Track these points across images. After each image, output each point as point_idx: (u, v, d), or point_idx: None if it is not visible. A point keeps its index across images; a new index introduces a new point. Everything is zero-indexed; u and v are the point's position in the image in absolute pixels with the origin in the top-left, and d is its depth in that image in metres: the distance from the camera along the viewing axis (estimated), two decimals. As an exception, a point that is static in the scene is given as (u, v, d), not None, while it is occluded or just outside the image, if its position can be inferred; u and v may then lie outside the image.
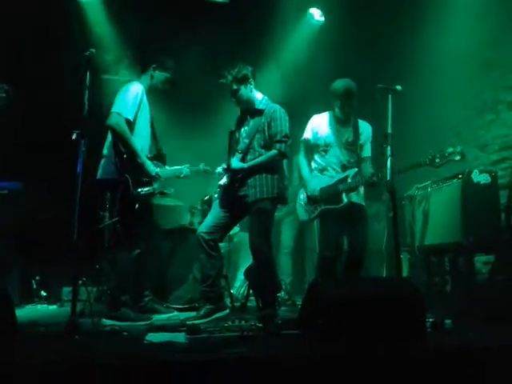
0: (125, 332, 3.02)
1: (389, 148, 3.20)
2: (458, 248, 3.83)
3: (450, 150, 3.20)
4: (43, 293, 4.88)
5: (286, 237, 5.51)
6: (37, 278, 4.91)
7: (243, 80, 3.60)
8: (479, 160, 4.70)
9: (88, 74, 3.06)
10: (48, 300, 4.83)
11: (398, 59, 4.87)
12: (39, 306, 4.64)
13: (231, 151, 3.68)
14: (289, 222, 5.47)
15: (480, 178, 3.72)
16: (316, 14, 5.93)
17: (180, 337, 2.92)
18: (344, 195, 3.72)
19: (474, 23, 4.58)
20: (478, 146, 4.74)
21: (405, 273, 4.58)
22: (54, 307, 4.61)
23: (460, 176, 3.78)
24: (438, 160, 3.25)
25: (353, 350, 2.44)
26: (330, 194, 3.78)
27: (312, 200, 3.86)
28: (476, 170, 3.75)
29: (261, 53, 4.35)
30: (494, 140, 4.65)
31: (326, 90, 3.95)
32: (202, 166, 4.14)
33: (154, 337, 2.85)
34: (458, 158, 3.18)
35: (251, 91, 3.66)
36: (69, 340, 2.72)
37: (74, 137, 2.95)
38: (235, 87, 3.60)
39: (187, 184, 4.78)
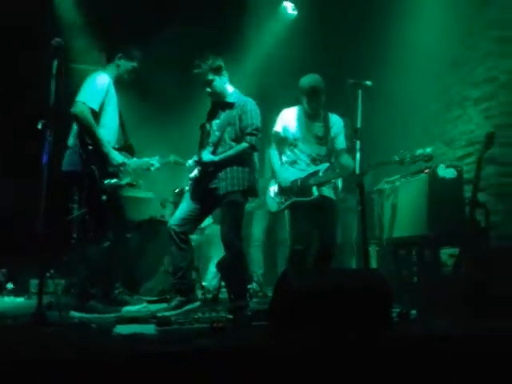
0: (93, 324, 3.00)
1: (358, 142, 3.25)
2: (424, 241, 3.92)
3: (420, 151, 3.28)
4: (10, 285, 4.78)
5: (258, 229, 5.53)
6: (3, 270, 4.80)
7: (218, 70, 3.59)
8: (445, 155, 4.81)
9: (55, 62, 3.00)
10: (15, 292, 4.73)
11: (368, 54, 4.93)
12: (6, 299, 4.53)
13: (202, 144, 3.66)
14: (260, 215, 5.49)
15: (446, 172, 3.80)
16: (289, 8, 5.96)
17: (150, 328, 2.92)
18: (315, 188, 3.77)
19: (443, 19, 4.65)
20: (445, 142, 4.84)
21: (373, 265, 4.67)
22: (21, 299, 4.51)
23: (427, 170, 3.86)
24: (408, 160, 3.32)
25: (322, 339, 2.49)
26: (301, 187, 3.81)
27: (283, 191, 3.89)
28: (442, 165, 3.83)
29: (234, 44, 4.31)
30: (461, 136, 4.76)
31: (297, 84, 3.95)
32: (172, 158, 4.12)
33: (122, 329, 2.83)
34: (426, 159, 3.28)
35: (225, 83, 3.65)
36: (35, 331, 2.68)
37: (39, 126, 2.90)
38: (211, 77, 3.57)
39: (158, 176, 4.75)
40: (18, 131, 4.03)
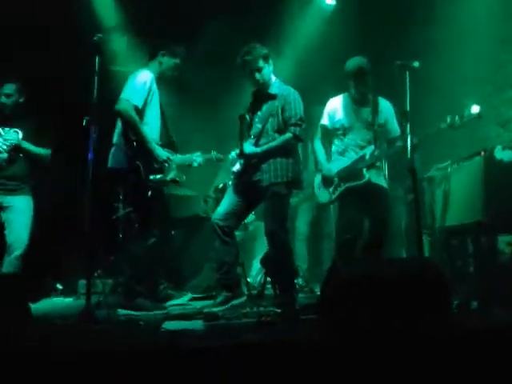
0: (141, 321, 2.98)
1: (408, 126, 3.11)
2: (480, 227, 3.68)
3: (467, 111, 3.15)
4: (59, 286, 4.86)
5: (302, 223, 5.42)
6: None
7: (267, 58, 3.51)
8: (501, 137, 4.54)
9: (97, 59, 3.00)
10: (64, 293, 4.81)
11: (414, 35, 4.71)
12: (55, 299, 4.61)
13: (243, 136, 3.57)
14: (305, 209, 5.38)
15: (503, 154, 3.55)
16: (327, -2, 5.79)
17: (197, 324, 2.88)
18: (365, 171, 3.66)
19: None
20: (500, 123, 4.57)
21: (426, 255, 4.45)
22: (69, 300, 4.58)
23: (482, 153, 3.63)
24: (457, 122, 3.18)
25: (375, 332, 2.36)
26: (350, 173, 3.71)
27: (329, 181, 3.77)
28: (499, 147, 3.59)
29: (273, 37, 4.21)
30: (517, 116, 4.49)
31: (341, 72, 3.84)
32: (213, 154, 4.08)
33: (171, 325, 2.81)
34: (475, 115, 3.13)
35: (271, 72, 3.56)
36: (84, 330, 2.68)
37: (84, 123, 2.90)
38: (261, 64, 3.48)
39: (199, 173, 4.72)
40: (61, 130, 4.04)
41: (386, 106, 3.86)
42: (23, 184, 3.99)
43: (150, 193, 3.42)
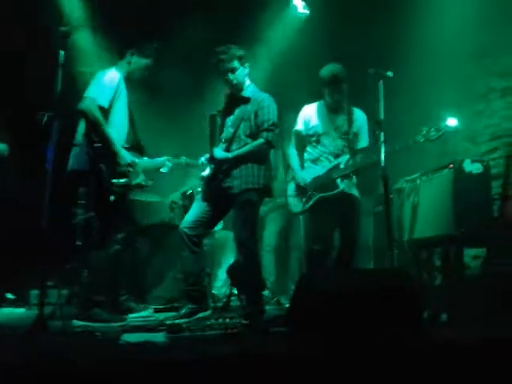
0: (98, 332, 2.78)
1: (382, 134, 3.10)
2: (449, 240, 3.68)
3: (444, 123, 3.15)
4: (9, 295, 4.56)
5: (270, 233, 5.27)
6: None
7: (242, 60, 3.41)
8: (469, 152, 4.58)
9: (62, 52, 2.83)
10: (15, 303, 4.51)
11: (387, 44, 4.71)
12: (4, 310, 4.31)
13: (213, 139, 3.45)
14: (273, 219, 5.24)
15: (472, 167, 3.58)
16: (300, 7, 5.78)
17: (159, 336, 2.71)
18: (339, 181, 3.59)
19: (466, 8, 4.44)
20: (468, 137, 4.62)
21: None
22: (21, 310, 4.29)
23: (451, 166, 3.64)
24: (433, 133, 3.17)
25: (347, 343, 2.27)
26: (324, 182, 3.64)
27: (302, 190, 3.69)
28: (468, 160, 3.61)
29: (246, 41, 4.12)
30: (484, 130, 4.54)
31: (316, 79, 3.80)
32: (183, 160, 3.94)
33: (130, 337, 2.62)
34: (452, 129, 3.15)
35: (245, 75, 3.46)
36: (35, 341, 2.47)
37: (44, 119, 2.70)
38: (235, 65, 3.38)
39: (167, 179, 4.55)
40: (19, 127, 3.81)
41: (359, 115, 3.84)
42: None
43: (112, 197, 3.22)
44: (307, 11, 5.67)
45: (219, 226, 4.56)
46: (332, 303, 2.40)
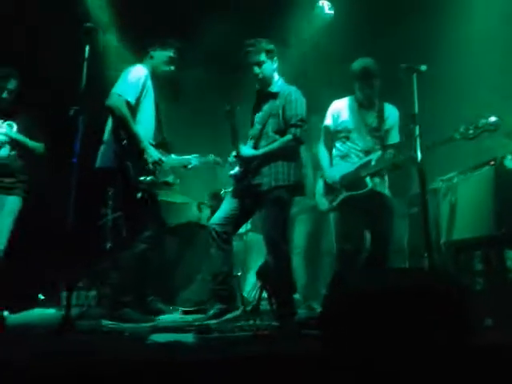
0: (126, 332, 2.72)
1: (417, 128, 2.96)
2: (490, 242, 3.48)
3: (483, 120, 3.02)
4: (41, 296, 4.57)
5: (299, 235, 5.12)
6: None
7: (271, 54, 3.33)
8: (506, 148, 4.34)
9: (87, 47, 2.81)
10: (46, 304, 4.52)
11: (423, 41, 4.55)
12: (36, 310, 4.31)
13: (236, 134, 3.30)
14: (302, 220, 5.10)
15: (514, 164, 3.39)
16: (326, 7, 5.70)
17: (188, 337, 2.63)
18: (368, 179, 3.43)
19: (503, 4, 4.28)
20: (505, 133, 4.40)
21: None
22: (51, 311, 4.29)
23: (492, 163, 3.45)
24: (471, 131, 3.05)
25: (383, 347, 2.13)
26: (352, 180, 3.48)
27: (331, 188, 3.56)
28: (509, 156, 3.42)
29: (275, 41, 4.06)
30: (522, 125, 4.32)
31: (345, 80, 3.73)
32: (211, 158, 3.87)
33: (158, 337, 2.55)
34: (492, 127, 3.03)
35: (274, 69, 3.37)
36: (62, 339, 2.42)
37: (71, 113, 2.68)
38: (263, 58, 3.30)
39: (195, 179, 4.50)
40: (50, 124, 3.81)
41: (392, 112, 3.70)
42: (18, 183, 3.82)
43: (139, 195, 3.17)
44: (332, 12, 5.60)
45: (247, 226, 4.48)
46: (367, 304, 2.26)
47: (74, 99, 2.72)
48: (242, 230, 4.10)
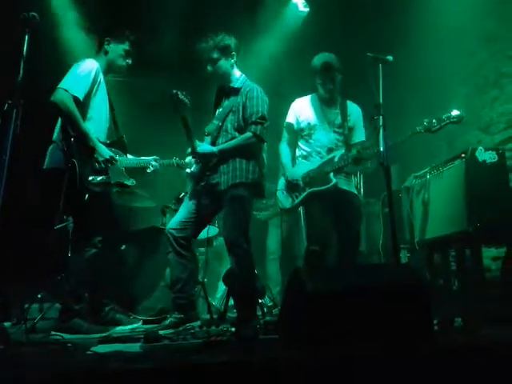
0: (69, 344, 2.50)
1: (381, 118, 2.83)
2: (464, 238, 3.32)
3: (447, 114, 3.00)
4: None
5: (273, 241, 4.97)
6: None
7: (225, 50, 3.16)
8: (482, 143, 4.24)
9: (26, 37, 2.61)
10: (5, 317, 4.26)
11: (391, 33, 4.46)
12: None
13: (187, 127, 3.06)
14: (276, 225, 4.94)
15: (485, 156, 3.25)
16: (300, 5, 5.58)
17: (134, 347, 2.43)
18: (331, 175, 3.32)
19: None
20: (481, 128, 4.29)
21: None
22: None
23: (463, 155, 3.31)
24: (435, 123, 3.01)
25: (343, 351, 1.95)
26: (316, 177, 3.37)
27: (292, 186, 3.42)
28: (481, 148, 3.28)
29: (243, 36, 3.89)
30: (499, 118, 4.19)
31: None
32: (175, 160, 3.69)
33: (102, 348, 2.35)
34: (455, 120, 3.00)
35: (231, 66, 3.20)
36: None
37: (5, 108, 2.48)
38: (215, 56, 3.14)
39: (158, 181, 4.30)
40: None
41: (354, 109, 3.64)
42: None
43: (86, 196, 2.96)
44: (307, 9, 5.47)
45: (215, 230, 4.29)
46: (324, 304, 2.08)
47: (9, 93, 2.51)
48: (211, 234, 3.91)
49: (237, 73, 3.25)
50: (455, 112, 3.04)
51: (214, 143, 3.15)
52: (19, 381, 1.72)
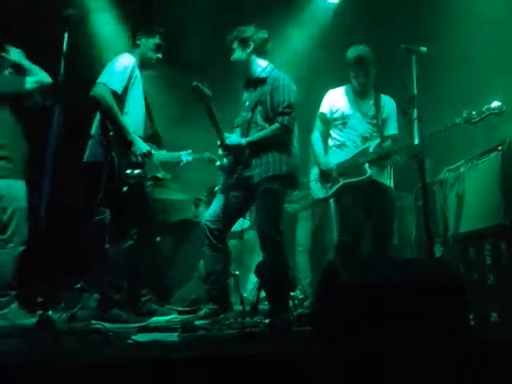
0: (111, 333, 2.59)
1: (415, 110, 2.80)
2: (499, 231, 3.26)
3: (487, 105, 2.98)
4: (39, 299, 4.47)
5: (302, 233, 5.00)
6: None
7: (244, 42, 3.19)
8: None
9: (66, 36, 2.69)
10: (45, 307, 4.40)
11: (424, 24, 4.41)
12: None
13: (213, 118, 3.09)
14: (305, 217, 4.98)
15: (523, 147, 3.18)
16: (329, -4, 5.54)
17: (172, 336, 2.50)
18: (367, 166, 3.31)
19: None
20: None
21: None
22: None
23: (499, 148, 3.24)
24: (474, 115, 2.99)
25: (378, 344, 1.97)
26: (350, 168, 3.38)
27: (326, 176, 3.42)
28: (518, 140, 3.22)
29: (273, 30, 3.90)
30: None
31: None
32: (206, 155, 3.76)
33: (141, 337, 2.43)
34: (496, 111, 2.99)
35: (249, 56, 3.21)
36: (35, 340, 2.31)
37: (48, 105, 2.58)
38: (234, 47, 3.20)
39: (191, 175, 4.37)
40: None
41: (388, 102, 3.64)
42: None
43: (125, 188, 3.04)
44: (337, 0, 5.42)
45: (247, 223, 4.34)
46: (359, 297, 2.10)
47: (52, 90, 2.60)
48: (238, 227, 3.96)
49: (262, 63, 3.24)
50: (495, 103, 3.01)
51: (245, 136, 3.15)
52: (68, 368, 1.81)
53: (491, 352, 1.90)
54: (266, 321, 2.79)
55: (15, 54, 3.35)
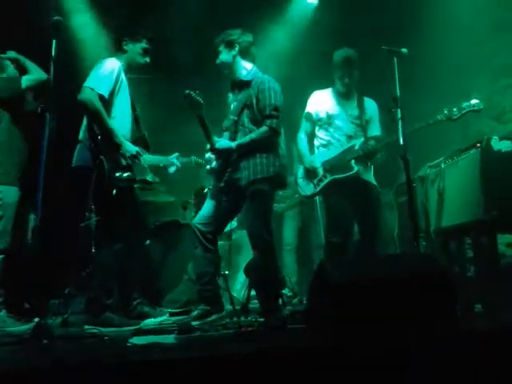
0: (106, 337, 2.62)
1: (399, 111, 2.91)
2: (480, 226, 3.39)
3: (466, 102, 3.09)
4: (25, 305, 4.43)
5: (289, 232, 5.05)
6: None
7: (229, 44, 3.23)
8: (495, 132, 4.29)
9: (54, 42, 2.70)
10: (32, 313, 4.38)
11: (404, 24, 4.53)
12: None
13: (204, 125, 3.12)
14: (291, 216, 5.04)
15: (501, 145, 3.30)
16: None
17: (169, 338, 2.54)
18: (353, 162, 3.40)
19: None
20: (493, 116, 4.34)
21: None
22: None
23: (478, 145, 3.37)
24: (455, 111, 3.09)
25: (371, 339, 2.05)
26: (337, 164, 3.47)
27: (311, 174, 3.51)
28: (495, 137, 3.34)
29: (254, 29, 3.94)
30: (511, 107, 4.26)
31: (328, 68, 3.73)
32: (193, 159, 3.80)
33: (139, 340, 2.46)
34: (475, 108, 3.09)
35: (234, 58, 3.25)
36: (34, 346, 2.32)
37: (38, 111, 2.58)
38: (220, 49, 3.25)
39: (178, 177, 4.38)
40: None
41: (371, 104, 3.75)
42: None
43: (114, 192, 3.06)
44: (316, 1, 5.49)
45: (234, 224, 4.38)
46: (351, 294, 2.17)
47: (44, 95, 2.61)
48: (227, 228, 4.01)
49: (247, 65, 3.28)
50: (474, 100, 3.13)
51: (233, 138, 3.20)
52: (69, 372, 1.83)
53: (481, 342, 1.99)
54: (261, 320, 2.85)
55: (10, 52, 3.36)
